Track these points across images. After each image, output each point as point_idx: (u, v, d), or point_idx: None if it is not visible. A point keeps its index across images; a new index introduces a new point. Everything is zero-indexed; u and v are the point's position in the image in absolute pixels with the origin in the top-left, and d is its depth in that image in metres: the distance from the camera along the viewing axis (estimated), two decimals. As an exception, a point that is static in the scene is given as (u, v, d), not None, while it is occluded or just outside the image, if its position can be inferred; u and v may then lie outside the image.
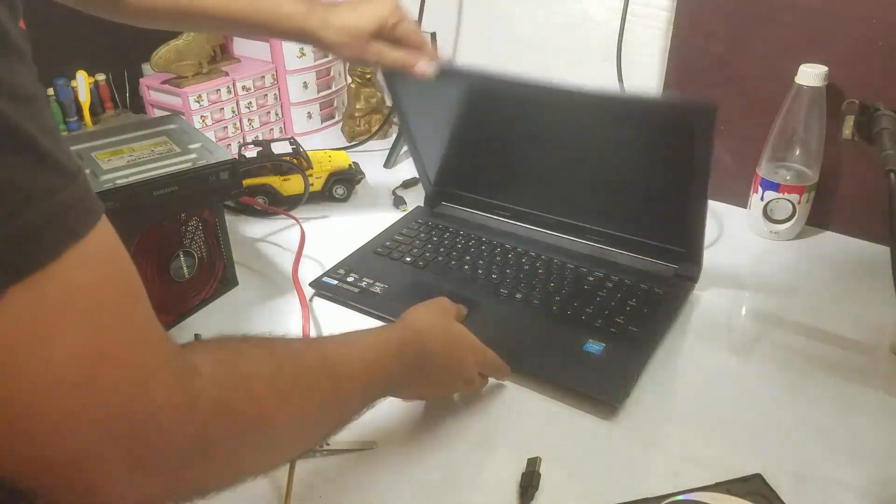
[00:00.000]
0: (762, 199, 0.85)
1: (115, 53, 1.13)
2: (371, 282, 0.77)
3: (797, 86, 0.80)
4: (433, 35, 1.06)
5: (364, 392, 0.48)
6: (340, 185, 0.97)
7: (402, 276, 0.79)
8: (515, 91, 0.73)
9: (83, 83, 1.10)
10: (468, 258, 0.81)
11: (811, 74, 0.79)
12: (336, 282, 0.78)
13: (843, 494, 0.53)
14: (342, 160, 0.98)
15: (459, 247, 0.83)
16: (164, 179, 0.66)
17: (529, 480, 0.54)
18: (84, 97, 1.10)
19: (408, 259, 0.81)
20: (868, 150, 0.65)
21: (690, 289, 0.76)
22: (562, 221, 0.83)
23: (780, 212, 0.85)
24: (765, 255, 0.85)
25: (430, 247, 0.83)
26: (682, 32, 0.90)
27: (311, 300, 0.77)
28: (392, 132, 1.17)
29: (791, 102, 0.81)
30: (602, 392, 0.61)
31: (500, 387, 0.64)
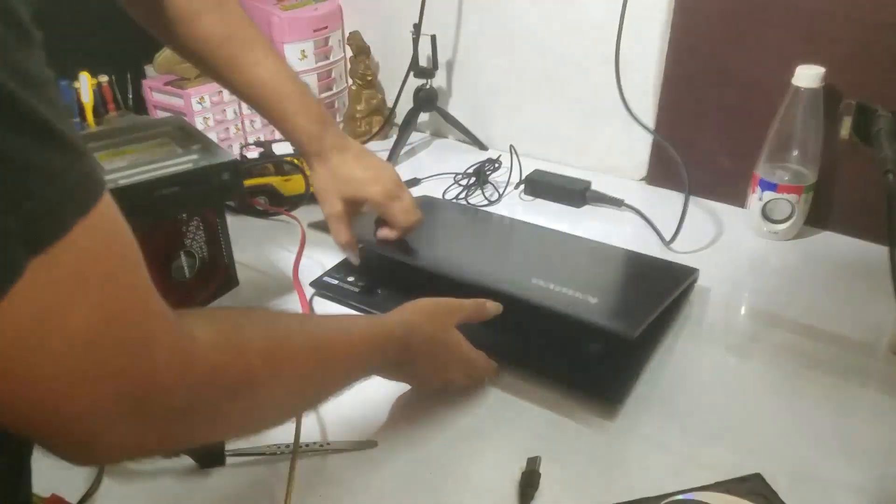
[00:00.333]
0: (760, 200, 0.86)
1: (118, 55, 1.14)
2: (372, 281, 0.77)
3: (795, 87, 0.81)
4: (433, 37, 1.07)
5: (346, 377, 0.52)
6: (341, 186, 0.97)
7: (403, 275, 0.79)
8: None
9: (86, 84, 1.10)
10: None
11: (809, 76, 0.79)
12: (336, 281, 0.78)
13: (843, 494, 0.54)
14: (343, 161, 0.98)
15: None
16: (166, 180, 0.66)
17: (529, 480, 0.54)
18: (87, 98, 1.10)
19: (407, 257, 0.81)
20: (866, 151, 0.65)
21: (690, 288, 0.76)
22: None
23: (779, 212, 0.86)
24: (763, 255, 0.85)
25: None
26: (681, 33, 0.90)
27: (312, 300, 0.77)
28: (393, 133, 1.17)
29: (789, 103, 0.81)
30: (602, 391, 0.61)
31: (501, 387, 0.64)
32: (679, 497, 0.51)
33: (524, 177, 1.01)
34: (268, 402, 0.43)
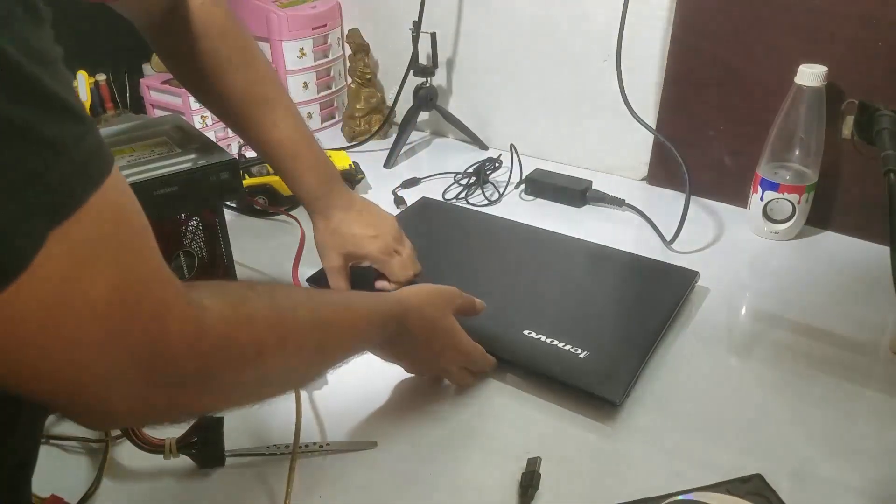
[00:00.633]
0: (762, 199, 0.86)
1: (116, 54, 1.13)
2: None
3: (797, 86, 0.80)
4: (433, 35, 1.07)
5: (347, 351, 0.53)
6: (341, 185, 0.97)
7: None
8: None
9: (83, 83, 1.10)
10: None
11: (811, 74, 0.79)
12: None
13: (843, 494, 0.54)
14: (342, 160, 0.98)
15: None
16: (165, 179, 0.66)
17: (529, 480, 0.54)
18: (84, 97, 1.10)
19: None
20: (868, 151, 0.65)
21: (691, 288, 0.76)
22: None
23: (780, 212, 0.85)
24: (764, 255, 0.85)
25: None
26: (682, 32, 0.90)
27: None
28: (392, 132, 1.17)
29: (791, 103, 0.81)
30: (602, 391, 0.61)
31: (501, 387, 0.64)
32: (679, 497, 0.51)
33: (525, 176, 1.01)
34: (272, 373, 0.44)
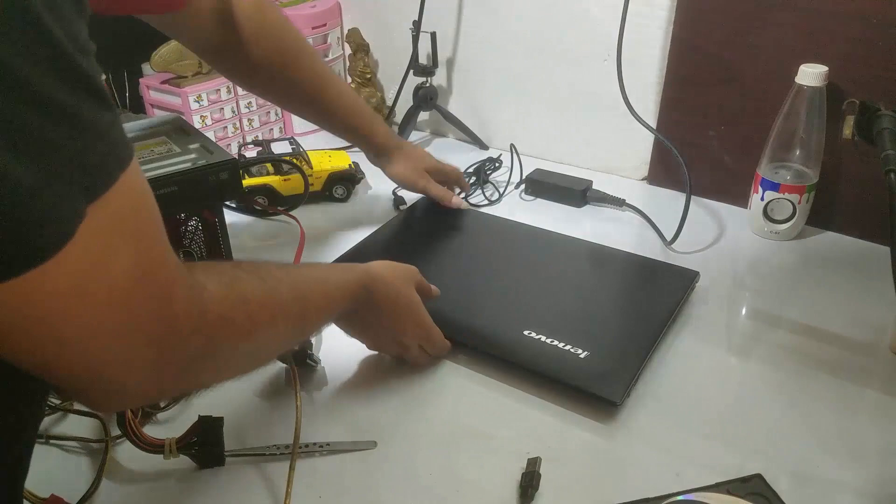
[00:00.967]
0: (762, 199, 0.85)
1: (115, 53, 1.13)
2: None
3: (797, 86, 0.80)
4: (433, 35, 1.07)
5: (322, 321, 0.59)
6: (340, 185, 0.97)
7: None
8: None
9: (83, 83, 1.10)
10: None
11: (811, 74, 0.79)
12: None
13: (843, 494, 0.54)
14: (342, 160, 0.98)
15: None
16: (164, 179, 0.66)
17: (529, 480, 0.54)
18: (84, 97, 1.10)
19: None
20: (868, 151, 0.65)
21: (691, 288, 0.76)
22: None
23: (781, 212, 0.85)
24: (765, 255, 0.85)
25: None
26: (682, 32, 0.90)
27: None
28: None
29: (791, 102, 0.81)
30: (602, 391, 0.61)
31: (501, 387, 0.64)
32: (679, 497, 0.50)
33: (525, 176, 1.01)
34: (263, 346, 0.49)
